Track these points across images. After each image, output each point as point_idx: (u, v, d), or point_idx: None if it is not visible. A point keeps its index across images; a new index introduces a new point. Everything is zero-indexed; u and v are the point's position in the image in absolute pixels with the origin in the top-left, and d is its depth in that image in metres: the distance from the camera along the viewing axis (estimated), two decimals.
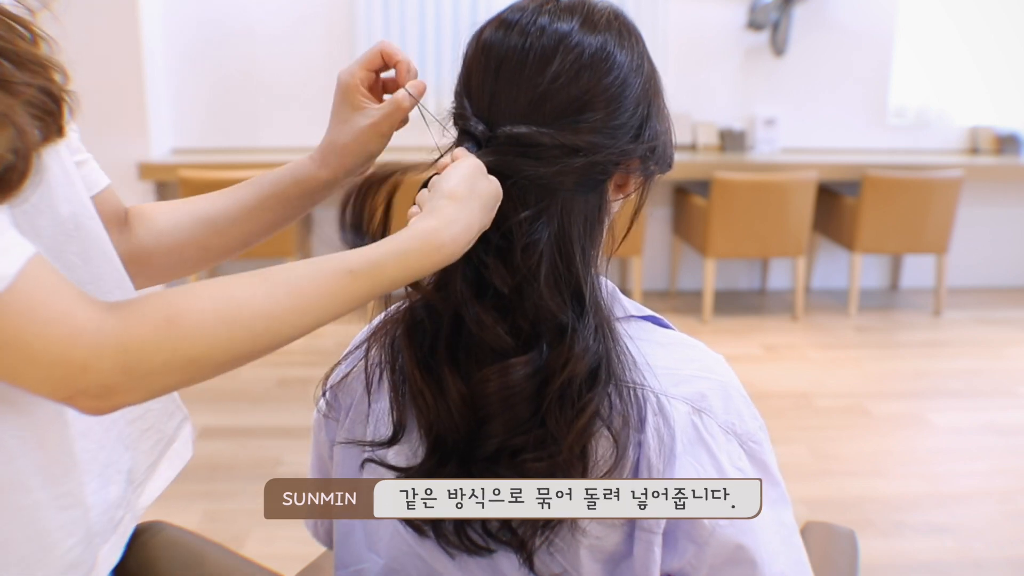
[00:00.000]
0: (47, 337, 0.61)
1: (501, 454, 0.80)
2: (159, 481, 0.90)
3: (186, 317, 0.65)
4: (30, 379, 0.62)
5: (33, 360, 0.61)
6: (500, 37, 0.80)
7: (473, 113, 0.81)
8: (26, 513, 0.73)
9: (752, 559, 0.81)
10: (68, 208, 0.77)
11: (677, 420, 0.80)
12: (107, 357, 0.62)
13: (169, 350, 0.64)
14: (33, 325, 0.60)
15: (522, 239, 0.79)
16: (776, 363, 3.92)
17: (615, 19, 0.82)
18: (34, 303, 0.61)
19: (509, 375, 0.78)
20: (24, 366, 0.61)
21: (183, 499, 2.62)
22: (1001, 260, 5.15)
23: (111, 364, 0.62)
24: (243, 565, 1.04)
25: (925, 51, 4.95)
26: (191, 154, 4.52)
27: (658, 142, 0.84)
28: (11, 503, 0.72)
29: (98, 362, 0.62)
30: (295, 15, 4.56)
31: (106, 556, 0.82)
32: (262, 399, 3.41)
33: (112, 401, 0.65)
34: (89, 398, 0.64)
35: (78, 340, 0.61)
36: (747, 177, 4.22)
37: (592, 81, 0.78)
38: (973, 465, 2.98)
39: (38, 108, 0.68)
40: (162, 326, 0.64)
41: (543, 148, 0.78)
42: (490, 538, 0.83)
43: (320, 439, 0.99)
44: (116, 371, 0.63)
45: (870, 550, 2.39)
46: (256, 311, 0.67)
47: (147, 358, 0.63)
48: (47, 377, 0.62)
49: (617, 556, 0.83)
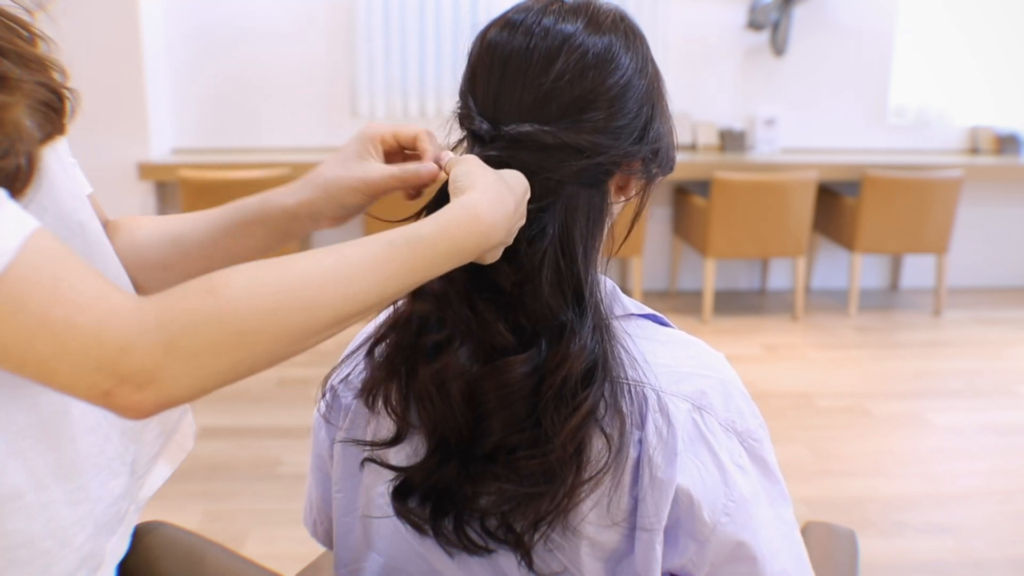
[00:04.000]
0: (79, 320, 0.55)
1: (498, 452, 0.81)
2: (161, 472, 0.91)
3: (230, 287, 0.60)
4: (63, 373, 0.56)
5: (63, 347, 0.55)
6: (505, 37, 0.80)
7: (478, 112, 0.81)
8: (46, 510, 0.73)
9: (753, 556, 0.81)
10: (70, 206, 0.77)
11: (678, 417, 0.80)
12: (148, 334, 0.56)
13: (216, 323, 0.58)
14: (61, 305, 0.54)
15: (527, 235, 0.79)
16: (776, 363, 3.92)
17: (620, 21, 0.82)
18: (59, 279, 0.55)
19: (507, 373, 0.78)
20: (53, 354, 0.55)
21: (183, 499, 2.63)
22: (1001, 260, 5.15)
23: (153, 342, 0.56)
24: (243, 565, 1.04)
25: (925, 51, 4.95)
26: (191, 154, 4.52)
27: (661, 144, 0.84)
28: (32, 502, 0.72)
29: (139, 340, 0.56)
30: (295, 15, 4.56)
31: (114, 548, 0.82)
32: (262, 399, 3.41)
33: (157, 392, 0.58)
34: (131, 388, 0.57)
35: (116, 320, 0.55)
36: (747, 177, 4.22)
37: (596, 81, 0.78)
38: (973, 465, 2.98)
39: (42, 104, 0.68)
40: (206, 297, 0.58)
41: (546, 147, 0.78)
42: (489, 537, 0.83)
43: (320, 439, 0.99)
44: (158, 351, 0.56)
45: (870, 550, 2.39)
46: (305, 278, 0.63)
47: (191, 333, 0.57)
48: (81, 366, 0.55)
49: (618, 555, 0.83)
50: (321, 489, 1.02)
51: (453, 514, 0.84)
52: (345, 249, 0.67)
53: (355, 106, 4.60)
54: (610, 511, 0.81)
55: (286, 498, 2.67)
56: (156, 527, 1.00)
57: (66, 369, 0.56)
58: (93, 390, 0.57)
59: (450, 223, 0.70)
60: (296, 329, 0.62)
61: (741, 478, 0.81)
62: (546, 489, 0.79)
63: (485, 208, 0.71)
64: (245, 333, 0.60)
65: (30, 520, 0.72)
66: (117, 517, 0.82)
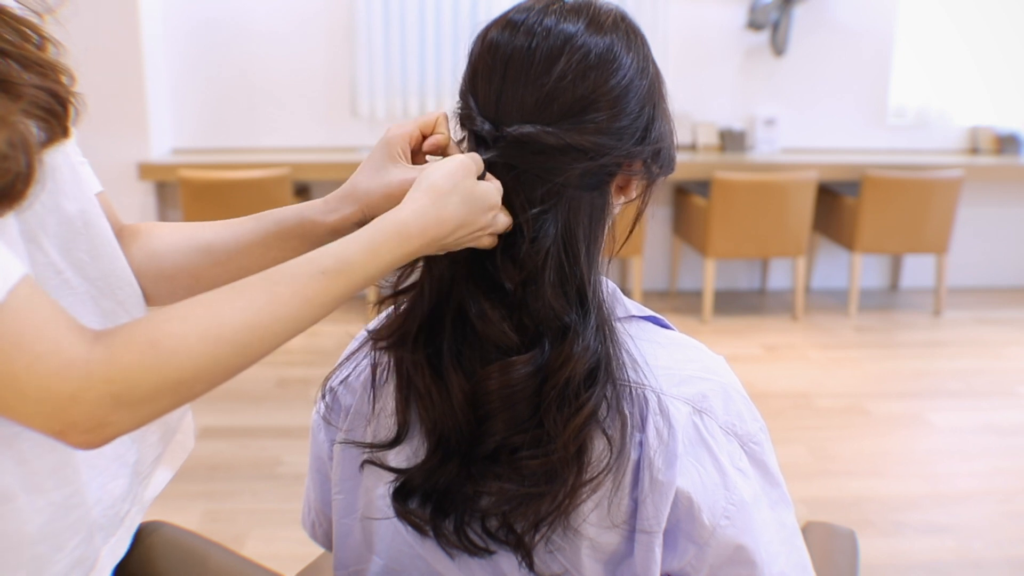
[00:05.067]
0: (36, 370, 0.60)
1: (500, 452, 0.81)
2: (164, 473, 0.91)
3: (169, 339, 0.64)
4: (20, 412, 0.62)
5: (22, 394, 0.60)
6: (506, 37, 0.80)
7: (479, 113, 0.81)
8: (42, 514, 0.73)
9: (752, 560, 0.81)
10: (76, 205, 0.77)
11: (678, 420, 0.80)
12: (95, 388, 0.61)
13: (156, 375, 0.63)
14: (23, 357, 0.59)
15: (529, 235, 0.79)
16: (776, 363, 3.92)
17: (621, 21, 0.82)
18: (24, 332, 0.60)
19: (510, 373, 0.78)
20: (14, 399, 0.61)
21: (183, 499, 2.63)
22: (1001, 260, 5.16)
23: (100, 395, 0.61)
24: (243, 565, 1.04)
25: (925, 51, 4.95)
26: (191, 154, 4.52)
27: (662, 144, 0.84)
28: (29, 505, 0.72)
29: (87, 394, 0.61)
30: (295, 15, 4.56)
31: (111, 551, 0.82)
32: (262, 399, 3.41)
33: (104, 433, 0.64)
34: (80, 432, 0.62)
35: (67, 373, 0.60)
36: (747, 177, 4.23)
37: (598, 81, 0.78)
38: (973, 465, 2.98)
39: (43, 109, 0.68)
40: (147, 351, 0.63)
41: (549, 148, 0.78)
42: (489, 538, 0.83)
43: (319, 440, 0.99)
44: (106, 402, 0.62)
45: (870, 550, 2.39)
46: (238, 324, 0.67)
47: (135, 386, 0.63)
48: (37, 411, 0.61)
49: (617, 557, 0.83)
50: (320, 491, 1.02)
51: (454, 515, 0.84)
52: (278, 285, 0.69)
53: (355, 106, 4.60)
54: (610, 513, 0.81)
55: (286, 498, 2.67)
56: (157, 527, 1.01)
57: (24, 411, 0.62)
58: (47, 428, 0.63)
59: (381, 247, 0.73)
60: (233, 368, 0.68)
61: (741, 481, 0.81)
62: (547, 489, 0.79)
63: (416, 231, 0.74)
64: (183, 381, 0.65)
65: (22, 523, 0.72)
66: (116, 519, 0.82)
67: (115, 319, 0.80)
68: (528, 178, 0.79)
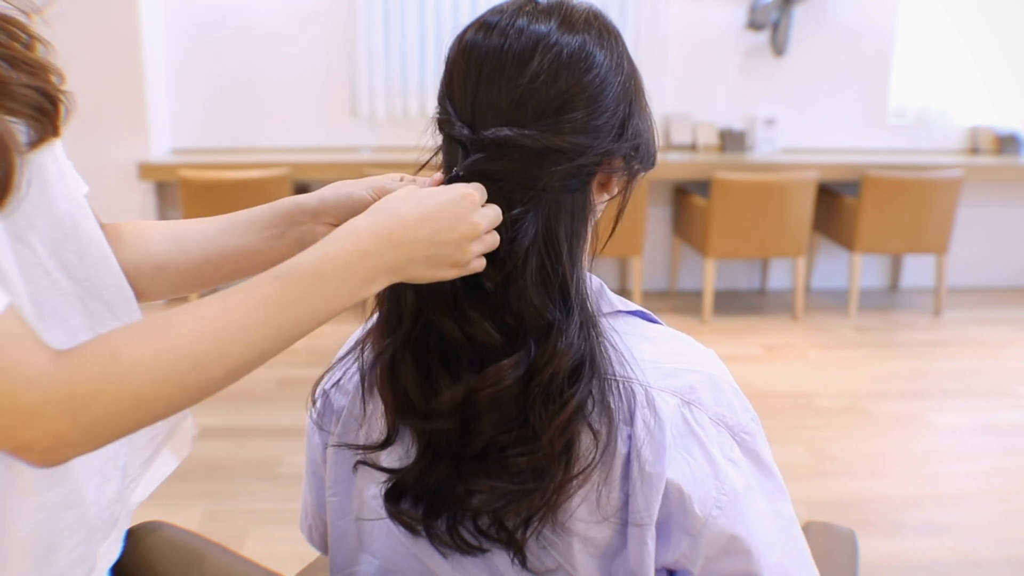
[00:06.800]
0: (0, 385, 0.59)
1: (489, 451, 0.81)
2: (153, 477, 0.90)
3: (129, 351, 0.63)
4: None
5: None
6: (480, 39, 0.81)
7: (457, 117, 0.81)
8: (39, 514, 0.73)
9: (747, 550, 0.81)
10: (65, 206, 0.77)
11: (666, 412, 0.81)
12: (54, 403, 0.60)
13: (114, 389, 0.62)
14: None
15: (508, 236, 0.79)
16: (776, 363, 3.92)
17: (594, 19, 0.82)
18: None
19: (500, 382, 0.79)
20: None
21: (183, 499, 2.63)
22: (1001, 260, 5.16)
23: (58, 410, 0.60)
24: (243, 565, 1.04)
25: (925, 51, 4.95)
26: (191, 154, 4.53)
27: (641, 140, 0.84)
28: (25, 506, 0.72)
29: (45, 408, 0.60)
30: (295, 15, 4.57)
31: (106, 552, 0.82)
32: (262, 399, 3.41)
33: (61, 453, 0.62)
34: (37, 450, 0.61)
35: (27, 387, 0.60)
36: (747, 177, 4.23)
37: (572, 80, 0.78)
38: (972, 465, 2.98)
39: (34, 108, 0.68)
40: (106, 363, 0.62)
41: (527, 151, 0.78)
42: (482, 536, 0.83)
43: (313, 444, 0.99)
44: (64, 417, 0.61)
45: (870, 550, 2.39)
46: (194, 335, 0.65)
47: (92, 401, 0.61)
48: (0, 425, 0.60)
49: (611, 551, 0.83)
50: (315, 494, 1.02)
51: (446, 514, 0.84)
52: (234, 295, 0.68)
53: (355, 106, 4.60)
54: (600, 506, 0.81)
55: (285, 498, 2.67)
56: (156, 527, 1.01)
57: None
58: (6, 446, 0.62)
59: (330, 245, 0.72)
60: (192, 386, 0.66)
61: (733, 472, 0.82)
62: (536, 486, 0.79)
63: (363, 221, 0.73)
64: (142, 397, 0.63)
65: (13, 523, 0.72)
66: (111, 521, 0.82)
67: (101, 321, 0.80)
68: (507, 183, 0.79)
